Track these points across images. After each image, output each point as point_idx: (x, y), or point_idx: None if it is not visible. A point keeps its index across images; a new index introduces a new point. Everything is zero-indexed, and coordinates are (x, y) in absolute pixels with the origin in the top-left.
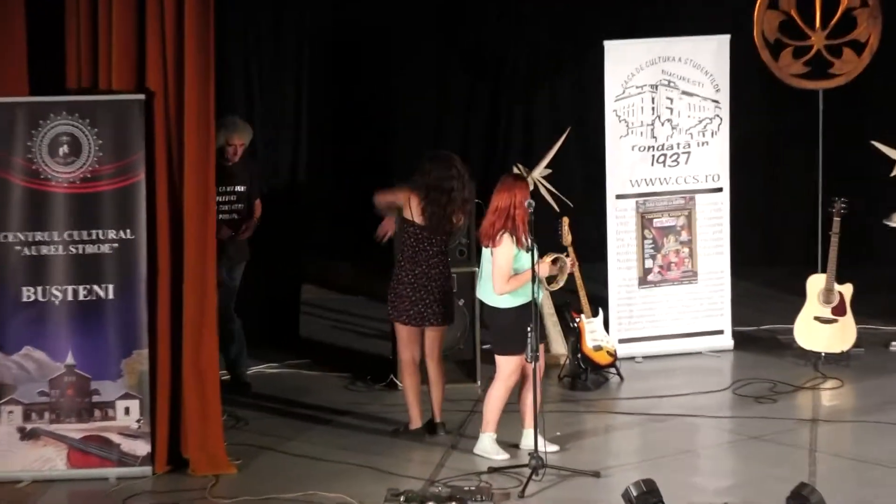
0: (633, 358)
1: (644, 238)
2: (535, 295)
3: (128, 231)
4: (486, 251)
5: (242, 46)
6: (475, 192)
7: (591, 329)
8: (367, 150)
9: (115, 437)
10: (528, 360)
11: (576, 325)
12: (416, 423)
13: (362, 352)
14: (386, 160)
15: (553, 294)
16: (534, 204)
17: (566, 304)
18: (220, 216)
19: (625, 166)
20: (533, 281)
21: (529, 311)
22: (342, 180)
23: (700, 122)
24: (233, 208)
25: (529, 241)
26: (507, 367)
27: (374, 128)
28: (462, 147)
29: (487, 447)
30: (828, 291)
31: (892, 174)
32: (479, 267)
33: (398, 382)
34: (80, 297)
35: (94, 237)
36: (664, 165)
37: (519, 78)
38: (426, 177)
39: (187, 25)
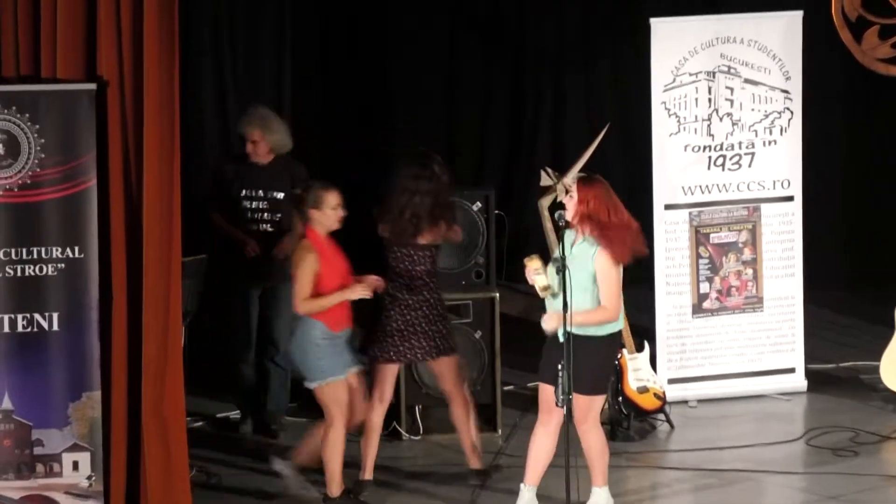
0: (685, 402)
1: (699, 257)
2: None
3: (76, 249)
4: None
5: (212, 26)
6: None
7: (635, 367)
8: (360, 147)
9: (62, 498)
10: (559, 404)
11: (617, 362)
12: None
13: None
14: (383, 160)
15: None
16: (564, 216)
17: None
18: (249, 226)
19: (676, 170)
20: (565, 308)
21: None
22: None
23: (767, 116)
24: (265, 218)
25: (559, 255)
26: (598, 407)
27: (369, 122)
28: (478, 147)
29: (607, 501)
30: None
31: None
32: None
33: (402, 431)
34: (19, 329)
35: (34, 256)
36: (723, 169)
37: (546, 62)
38: (395, 178)
39: (147, 1)
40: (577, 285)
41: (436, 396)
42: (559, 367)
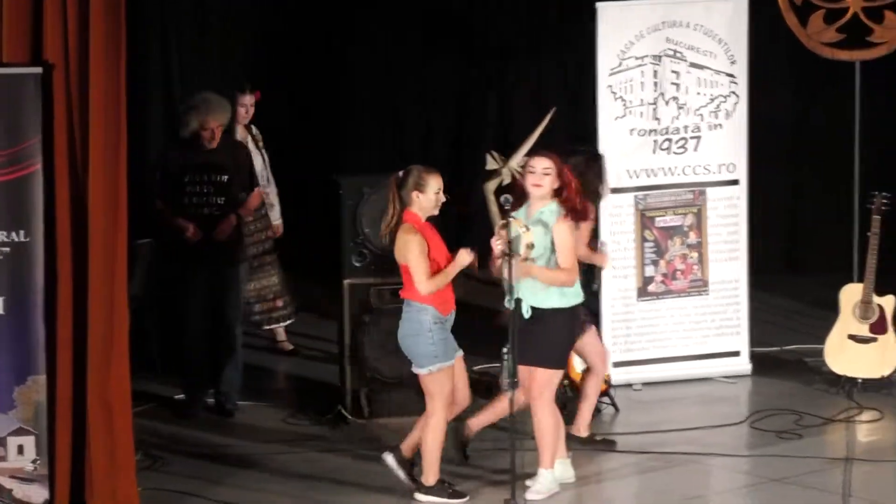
0: (630, 385)
1: (644, 241)
2: (510, 304)
3: (21, 233)
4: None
5: (160, 8)
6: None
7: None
8: (308, 140)
9: (6, 482)
10: (505, 389)
11: None
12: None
13: (306, 378)
14: (331, 154)
15: None
16: (511, 199)
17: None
18: (197, 210)
19: (621, 154)
20: (518, 302)
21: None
22: (282, 178)
23: (712, 100)
24: (211, 202)
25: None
26: (556, 383)
27: (315, 114)
28: (425, 134)
29: (550, 484)
30: (865, 304)
31: None
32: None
33: (347, 415)
34: None
35: None
36: (669, 153)
37: (493, 47)
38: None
39: None
40: (539, 254)
41: (382, 381)
42: (504, 350)
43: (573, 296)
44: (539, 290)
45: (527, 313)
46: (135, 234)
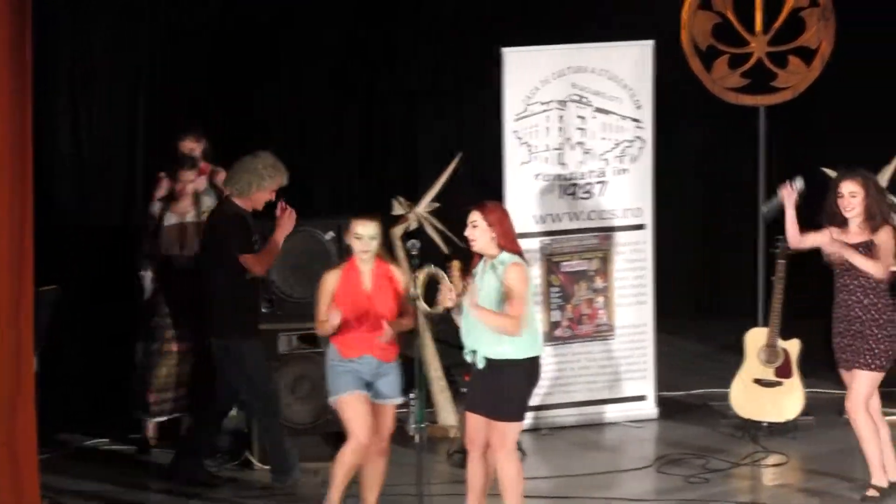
0: (537, 429)
1: (550, 285)
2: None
3: None
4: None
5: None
6: None
7: None
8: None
9: None
10: (411, 434)
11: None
12: None
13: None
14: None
15: (443, 354)
16: (417, 244)
17: (457, 365)
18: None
19: (527, 199)
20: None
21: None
22: None
23: (617, 145)
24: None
25: (413, 286)
26: (516, 434)
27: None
28: (332, 177)
29: None
30: (770, 349)
31: None
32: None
33: (253, 461)
34: None
35: None
36: (574, 197)
37: (398, 92)
38: None
39: None
40: (490, 304)
41: (290, 426)
42: (410, 396)
43: (527, 347)
44: (493, 341)
45: (481, 363)
46: (41, 280)
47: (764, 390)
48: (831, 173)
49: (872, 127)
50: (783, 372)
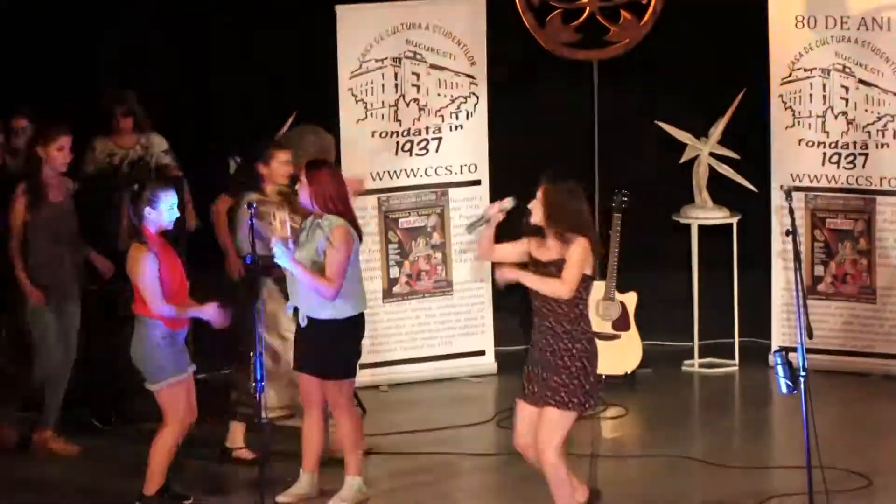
0: (377, 386)
1: (388, 242)
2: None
3: None
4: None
5: None
6: None
7: None
8: None
9: None
10: (252, 393)
11: None
12: None
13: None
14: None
15: None
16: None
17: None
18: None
19: (364, 156)
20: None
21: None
22: None
23: (453, 101)
24: None
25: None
26: (349, 391)
27: None
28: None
29: (357, 492)
30: (607, 302)
31: (682, 160)
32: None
33: (95, 422)
34: None
35: None
36: (411, 154)
37: (229, 56)
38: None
39: None
40: (309, 260)
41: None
42: (251, 354)
43: (348, 307)
44: (314, 301)
45: (303, 321)
46: None
47: (602, 343)
48: (667, 129)
49: (704, 81)
50: (621, 325)
